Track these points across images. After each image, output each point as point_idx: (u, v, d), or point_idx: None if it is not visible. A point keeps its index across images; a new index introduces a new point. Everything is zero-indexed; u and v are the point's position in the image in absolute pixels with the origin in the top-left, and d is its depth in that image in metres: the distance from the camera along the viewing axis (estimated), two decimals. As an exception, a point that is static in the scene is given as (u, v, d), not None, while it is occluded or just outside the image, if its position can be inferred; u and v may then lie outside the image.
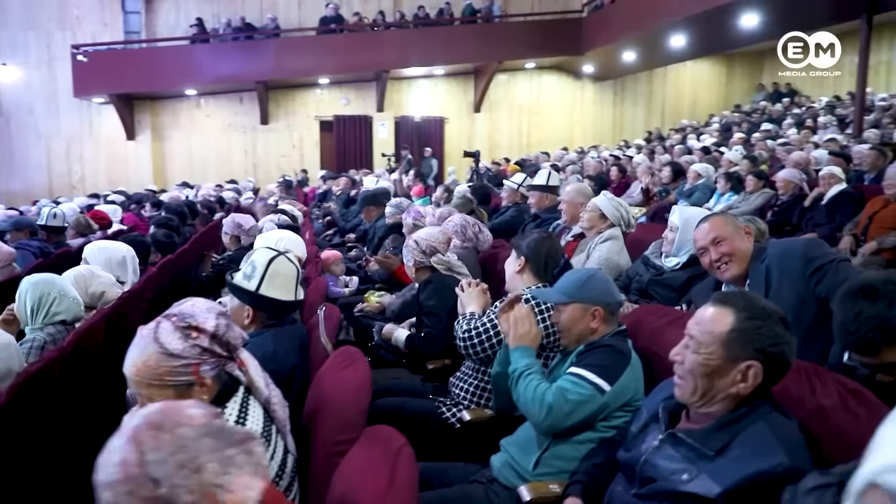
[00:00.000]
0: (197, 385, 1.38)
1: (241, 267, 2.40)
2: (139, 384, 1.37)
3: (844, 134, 9.58)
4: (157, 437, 0.90)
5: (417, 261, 2.65)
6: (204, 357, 1.36)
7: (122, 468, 0.89)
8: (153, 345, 1.35)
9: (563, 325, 1.81)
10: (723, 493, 1.16)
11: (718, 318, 1.29)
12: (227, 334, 1.40)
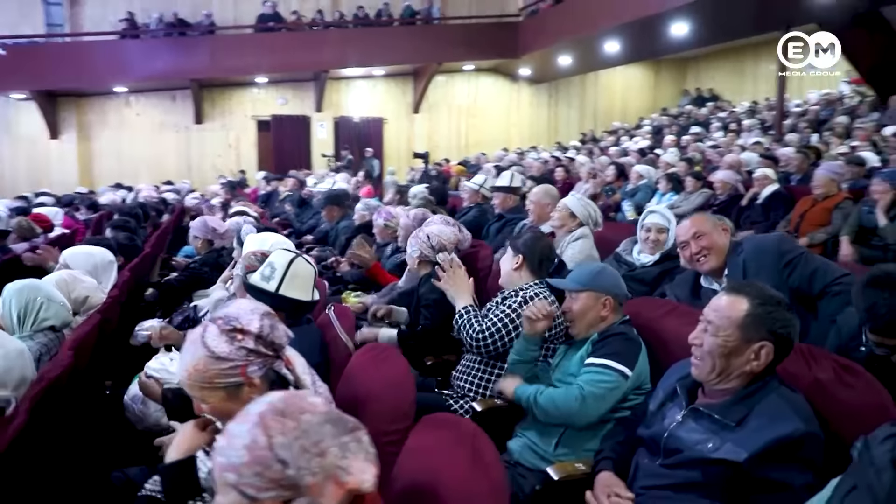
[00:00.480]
0: (246, 385, 1.42)
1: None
2: (192, 387, 1.41)
3: (767, 136, 10.28)
4: (283, 423, 0.96)
5: (423, 254, 2.73)
6: (250, 358, 1.41)
7: (250, 451, 0.95)
8: (201, 349, 1.39)
9: (576, 312, 1.95)
10: (749, 457, 1.32)
11: (734, 304, 1.46)
12: (271, 334, 1.45)
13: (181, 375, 1.43)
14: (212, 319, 1.45)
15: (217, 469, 0.98)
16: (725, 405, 1.45)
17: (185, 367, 1.40)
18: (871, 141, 7.40)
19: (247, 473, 0.95)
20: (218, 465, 0.98)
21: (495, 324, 2.20)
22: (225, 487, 0.98)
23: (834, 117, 10.65)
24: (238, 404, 1.40)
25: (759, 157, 7.02)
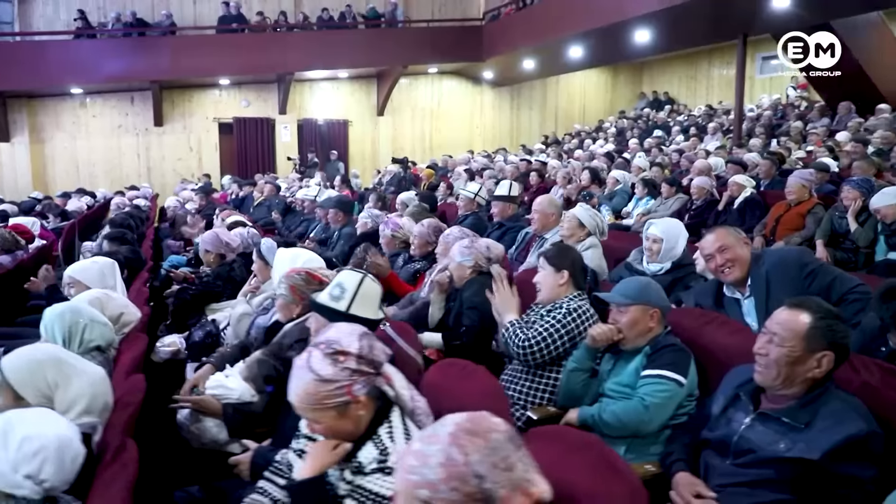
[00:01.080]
0: (353, 403, 1.51)
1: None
2: (304, 410, 1.50)
3: (727, 139, 10.74)
4: (474, 441, 1.07)
5: (479, 264, 2.84)
6: (354, 378, 1.49)
7: (446, 468, 1.05)
8: (308, 374, 1.48)
9: (625, 324, 2.10)
10: (824, 455, 1.49)
11: (797, 318, 1.62)
12: (370, 353, 1.54)
13: (293, 400, 1.51)
14: (314, 345, 1.54)
15: (406, 487, 1.07)
16: (792, 409, 1.61)
17: (295, 393, 1.49)
18: (827, 146, 7.84)
19: (443, 489, 1.04)
20: (408, 483, 1.07)
21: (542, 334, 2.33)
22: (412, 502, 1.07)
23: (786, 122, 11.21)
24: (348, 422, 1.50)
25: (726, 162, 7.38)
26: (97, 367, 1.88)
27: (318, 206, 5.78)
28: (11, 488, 1.39)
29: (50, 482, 1.41)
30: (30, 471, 1.39)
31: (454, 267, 2.80)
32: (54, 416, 1.51)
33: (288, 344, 2.41)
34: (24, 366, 1.73)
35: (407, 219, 4.28)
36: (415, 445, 1.11)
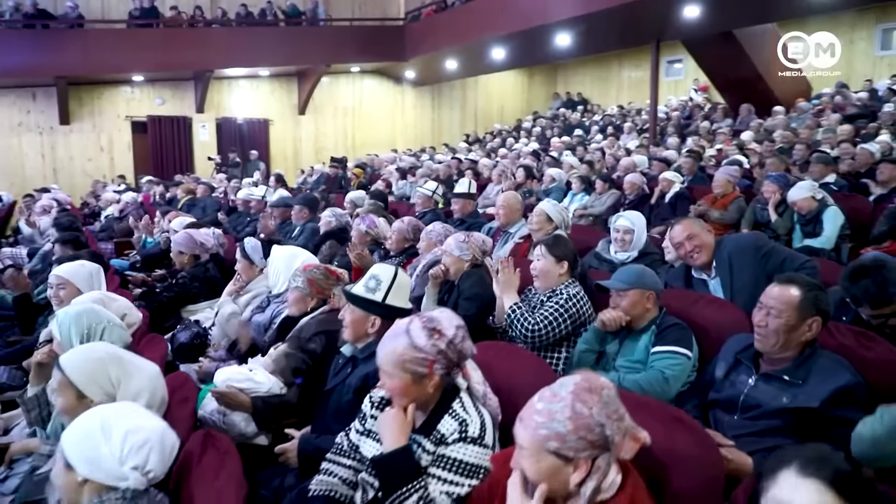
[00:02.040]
0: (427, 377, 1.66)
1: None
2: (385, 364, 1.65)
3: (642, 138, 11.46)
4: (593, 397, 1.26)
5: (476, 256, 3.00)
6: (439, 357, 1.65)
7: (573, 420, 1.23)
8: (405, 337, 1.65)
9: (625, 307, 2.35)
10: (822, 403, 1.79)
11: (789, 292, 1.92)
12: (461, 344, 1.69)
13: (380, 353, 1.65)
14: (417, 316, 1.68)
15: (535, 441, 1.25)
16: (790, 368, 1.90)
17: (384, 349, 1.65)
18: (736, 145, 8.58)
19: (571, 438, 1.23)
20: (537, 438, 1.25)
21: (547, 318, 2.54)
22: (542, 454, 1.25)
23: (694, 122, 12.09)
24: (418, 391, 1.66)
25: (651, 159, 7.93)
26: (151, 363, 1.91)
27: (273, 205, 5.74)
28: (116, 481, 1.43)
29: (154, 472, 1.46)
30: (137, 462, 1.43)
31: (452, 260, 2.96)
32: (144, 410, 1.55)
33: (306, 337, 2.50)
34: (87, 365, 1.75)
35: (382, 219, 4.39)
36: (537, 406, 1.28)
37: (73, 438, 1.46)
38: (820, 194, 4.96)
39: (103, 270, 3.93)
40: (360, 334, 2.17)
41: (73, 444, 1.44)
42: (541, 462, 1.25)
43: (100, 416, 1.49)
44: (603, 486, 1.26)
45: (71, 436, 1.47)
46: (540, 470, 1.26)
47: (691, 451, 1.44)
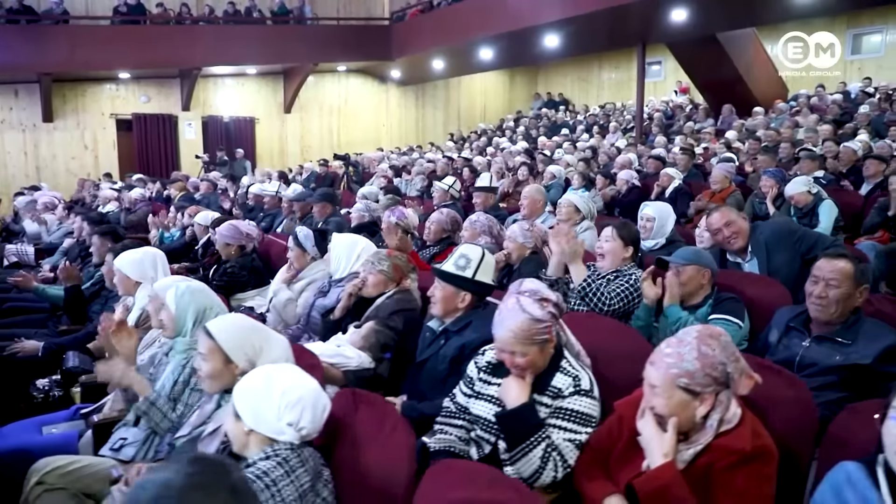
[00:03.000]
0: (549, 341, 1.88)
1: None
2: (515, 343, 1.85)
3: (628, 137, 11.82)
4: (715, 341, 1.50)
5: (536, 245, 3.22)
6: (553, 320, 1.88)
7: (700, 360, 1.47)
8: (522, 314, 1.84)
9: (684, 281, 2.60)
10: (874, 360, 2.05)
11: (843, 265, 2.18)
12: (560, 303, 1.92)
13: (503, 335, 1.85)
14: (519, 293, 1.89)
15: (667, 378, 1.48)
16: (840, 331, 2.17)
17: (509, 330, 1.84)
18: (724, 143, 8.97)
19: (699, 375, 1.47)
20: (669, 375, 1.48)
21: (619, 295, 2.75)
22: (673, 390, 1.48)
23: (676, 122, 12.51)
24: (543, 356, 1.87)
25: (647, 157, 8.27)
26: (280, 335, 2.08)
27: (293, 200, 5.89)
28: (275, 434, 1.61)
29: (307, 429, 1.64)
30: (291, 419, 1.61)
31: (515, 246, 3.19)
32: (302, 372, 1.73)
33: (385, 315, 2.70)
34: (235, 332, 1.92)
35: (410, 210, 4.58)
36: (666, 350, 1.52)
37: (241, 392, 1.64)
38: (815, 189, 5.29)
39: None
40: (450, 309, 2.38)
41: (241, 397, 1.62)
42: (672, 398, 1.48)
43: (264, 374, 1.67)
44: (726, 418, 1.50)
45: (240, 390, 1.65)
46: (671, 405, 1.50)
47: (784, 392, 1.69)
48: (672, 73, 16.28)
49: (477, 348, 2.22)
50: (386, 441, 1.65)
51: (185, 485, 0.95)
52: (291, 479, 1.51)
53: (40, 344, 3.40)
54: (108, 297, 3.76)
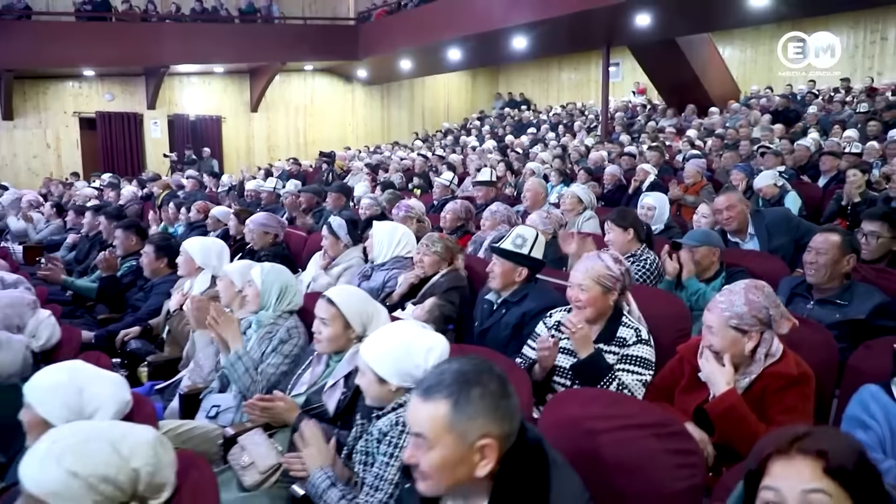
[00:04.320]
0: (611, 292, 2.25)
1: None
2: (585, 278, 2.24)
3: (593, 136, 12.37)
4: (760, 290, 1.88)
5: (554, 230, 3.59)
6: (621, 277, 2.26)
7: (748, 305, 1.85)
8: (599, 261, 2.26)
9: (697, 259, 3.01)
10: (868, 314, 2.49)
11: (832, 237, 2.62)
12: (629, 273, 2.31)
13: (581, 274, 2.23)
14: (603, 250, 2.28)
15: (721, 320, 1.86)
16: (838, 294, 2.61)
17: (584, 268, 2.25)
18: (688, 141, 9.58)
19: (747, 317, 1.85)
20: (723, 317, 1.85)
21: (640, 278, 3.15)
22: (726, 330, 1.86)
23: (637, 121, 13.16)
24: (602, 302, 2.25)
25: (616, 154, 8.78)
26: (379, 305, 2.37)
27: (304, 191, 6.13)
28: (411, 382, 1.87)
29: None
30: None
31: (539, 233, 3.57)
32: (428, 330, 1.99)
33: (441, 292, 3.02)
34: (354, 301, 2.20)
35: (415, 200, 4.89)
36: (720, 298, 1.90)
37: (384, 357, 1.76)
38: (780, 181, 5.86)
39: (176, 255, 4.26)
40: (508, 282, 2.72)
41: (384, 362, 1.75)
42: (725, 336, 1.86)
43: (402, 338, 1.89)
44: (770, 352, 1.89)
45: (380, 355, 1.77)
46: (725, 341, 1.87)
47: (813, 337, 2.10)
48: (629, 75, 17.00)
49: (536, 315, 2.58)
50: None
51: (474, 367, 1.26)
52: None
53: (91, 333, 3.58)
54: (144, 286, 3.96)
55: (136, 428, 1.42)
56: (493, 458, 1.22)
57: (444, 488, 1.24)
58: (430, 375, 1.29)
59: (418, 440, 1.23)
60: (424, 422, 1.22)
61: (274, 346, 2.59)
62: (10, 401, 2.02)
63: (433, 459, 1.21)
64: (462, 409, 1.21)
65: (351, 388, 2.10)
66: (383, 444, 1.67)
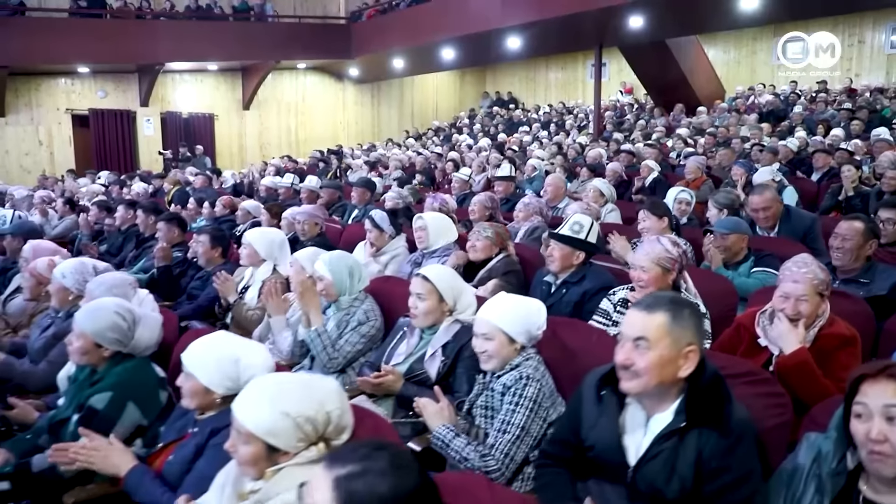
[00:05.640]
0: (670, 272, 2.53)
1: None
2: (645, 260, 2.52)
3: (584, 134, 12.73)
4: (814, 263, 2.18)
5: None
6: (679, 258, 2.54)
7: (823, 273, 2.14)
8: (659, 244, 2.53)
9: (728, 245, 3.32)
10: (889, 291, 2.82)
11: (857, 224, 2.94)
12: (686, 255, 2.59)
13: (640, 254, 2.51)
14: (661, 236, 2.56)
15: (810, 287, 2.13)
16: (860, 274, 2.93)
17: (646, 251, 2.52)
18: (681, 139, 9.96)
19: (826, 283, 2.15)
20: (811, 285, 2.13)
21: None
22: (814, 295, 2.13)
23: (626, 120, 13.54)
24: (663, 283, 2.52)
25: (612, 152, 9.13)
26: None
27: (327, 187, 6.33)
28: (529, 340, 2.12)
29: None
30: (543, 326, 2.15)
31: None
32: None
33: (500, 274, 3.29)
34: (446, 277, 2.44)
35: (448, 195, 5.15)
36: (802, 270, 2.17)
37: (513, 320, 2.02)
38: (778, 176, 6.23)
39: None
40: (566, 265, 3.00)
41: (514, 323, 2.02)
42: (813, 301, 2.14)
43: (520, 302, 2.12)
44: (823, 315, 2.19)
45: (510, 319, 2.03)
46: (812, 306, 2.14)
47: (852, 307, 2.42)
48: (616, 75, 17.42)
49: (595, 294, 2.86)
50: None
51: (680, 297, 1.63)
52: (544, 372, 2.07)
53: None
54: (196, 274, 4.15)
55: (322, 378, 1.66)
56: (693, 363, 1.54)
57: (651, 386, 1.54)
58: (646, 298, 1.64)
59: (638, 343, 1.54)
60: (649, 328, 1.53)
61: (353, 326, 2.82)
62: (148, 370, 2.25)
63: (651, 358, 1.52)
64: (678, 321, 1.54)
65: (449, 357, 2.35)
66: (507, 395, 1.93)
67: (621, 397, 1.62)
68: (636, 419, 1.60)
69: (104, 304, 2.20)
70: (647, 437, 1.56)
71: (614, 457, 1.58)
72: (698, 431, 1.51)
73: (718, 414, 1.52)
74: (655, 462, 1.53)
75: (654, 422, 1.58)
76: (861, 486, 1.39)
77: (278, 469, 1.48)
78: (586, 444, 1.65)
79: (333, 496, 1.03)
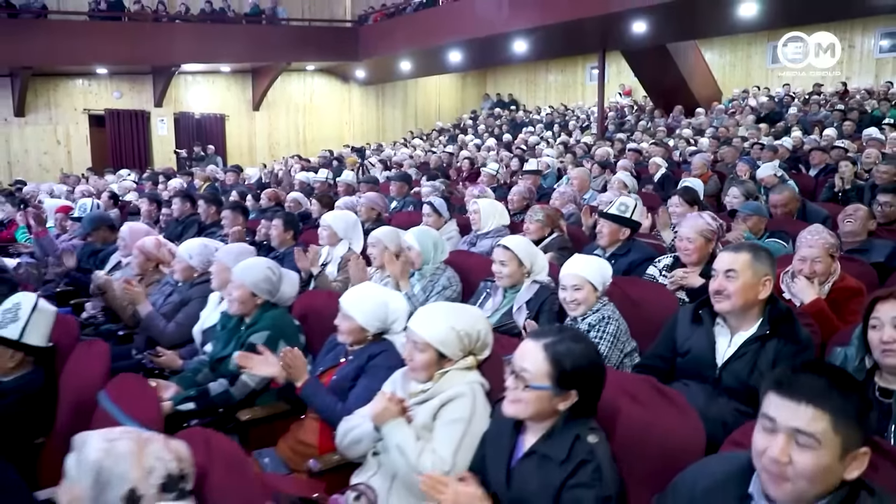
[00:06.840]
0: (711, 242, 3.04)
1: None
2: (692, 231, 2.99)
3: (587, 134, 13.27)
4: (830, 235, 2.71)
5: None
6: (718, 230, 3.05)
7: (833, 238, 2.67)
8: (700, 219, 3.03)
9: (749, 226, 3.85)
10: (885, 258, 3.35)
11: (861, 209, 3.49)
12: (721, 227, 3.11)
13: (686, 227, 3.02)
14: (702, 212, 3.07)
15: (823, 249, 2.66)
16: (861, 245, 3.47)
17: (690, 224, 3.00)
18: (684, 139, 10.53)
19: (837, 245, 2.67)
20: (825, 248, 2.65)
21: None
22: (826, 257, 2.66)
23: (627, 121, 14.11)
24: (705, 251, 3.03)
25: (623, 150, 9.68)
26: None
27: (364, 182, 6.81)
28: (604, 288, 2.63)
29: None
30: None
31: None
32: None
33: (555, 250, 3.79)
34: (524, 246, 2.93)
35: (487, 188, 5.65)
36: (816, 237, 2.69)
37: (596, 273, 2.49)
38: (780, 172, 6.78)
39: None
40: (613, 240, 3.51)
41: (597, 276, 2.49)
42: (825, 261, 2.66)
43: (593, 259, 2.65)
44: (835, 272, 2.72)
45: (594, 272, 2.49)
46: (825, 265, 2.66)
47: (859, 269, 2.95)
48: (614, 77, 17.94)
49: (640, 264, 3.38)
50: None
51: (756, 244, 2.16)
52: (619, 315, 2.58)
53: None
54: (267, 255, 4.62)
55: (466, 307, 2.16)
56: (768, 290, 2.06)
57: (738, 306, 2.05)
58: (729, 247, 2.22)
59: (728, 274, 2.05)
60: (737, 262, 2.06)
61: (437, 290, 3.31)
62: (290, 318, 2.75)
63: (738, 284, 2.03)
64: (757, 258, 2.07)
65: (532, 310, 2.85)
66: (592, 331, 2.44)
67: (712, 319, 2.13)
68: (722, 335, 2.12)
69: (258, 262, 2.69)
70: (731, 348, 2.07)
71: (706, 357, 2.08)
72: (776, 340, 2.01)
73: (792, 328, 2.04)
74: (742, 360, 2.03)
75: (737, 337, 2.08)
76: (876, 380, 1.91)
77: (444, 372, 1.97)
78: (681, 352, 2.16)
79: (545, 356, 1.53)
